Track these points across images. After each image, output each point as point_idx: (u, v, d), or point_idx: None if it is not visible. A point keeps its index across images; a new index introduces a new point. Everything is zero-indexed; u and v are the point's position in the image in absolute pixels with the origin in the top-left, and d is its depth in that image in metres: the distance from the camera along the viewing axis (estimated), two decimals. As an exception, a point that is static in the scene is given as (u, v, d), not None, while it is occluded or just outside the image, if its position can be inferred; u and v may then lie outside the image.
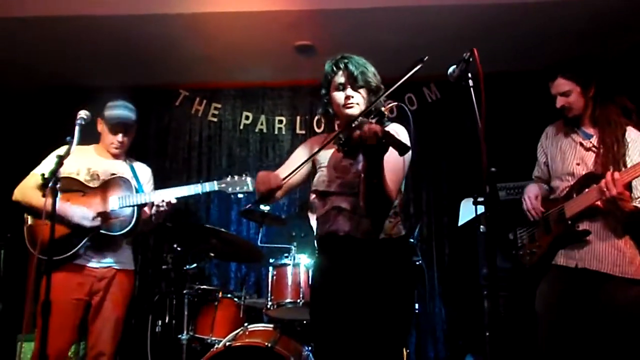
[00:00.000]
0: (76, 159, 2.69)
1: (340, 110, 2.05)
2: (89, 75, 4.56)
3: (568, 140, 2.54)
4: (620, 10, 3.73)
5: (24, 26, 3.89)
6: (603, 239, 2.35)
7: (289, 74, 4.70)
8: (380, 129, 1.65)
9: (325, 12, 3.82)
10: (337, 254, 2.00)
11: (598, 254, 2.34)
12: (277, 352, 2.84)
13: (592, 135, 2.47)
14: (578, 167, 2.45)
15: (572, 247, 2.41)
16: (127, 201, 2.71)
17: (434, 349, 4.42)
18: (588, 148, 2.46)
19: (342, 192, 2.00)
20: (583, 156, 2.46)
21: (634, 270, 2.31)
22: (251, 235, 4.57)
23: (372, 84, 2.04)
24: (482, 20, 3.83)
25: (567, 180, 2.49)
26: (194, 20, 3.86)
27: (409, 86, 4.74)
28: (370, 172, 1.78)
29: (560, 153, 2.54)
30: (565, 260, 2.43)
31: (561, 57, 2.61)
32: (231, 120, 4.92)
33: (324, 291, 2.03)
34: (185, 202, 4.76)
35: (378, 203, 1.89)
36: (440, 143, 4.72)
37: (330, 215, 2.01)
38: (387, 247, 1.98)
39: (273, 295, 3.21)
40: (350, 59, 2.06)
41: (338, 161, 2.03)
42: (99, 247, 2.69)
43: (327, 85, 2.11)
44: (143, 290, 4.54)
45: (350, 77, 2.02)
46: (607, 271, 2.31)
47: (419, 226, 4.41)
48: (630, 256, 2.33)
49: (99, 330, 2.65)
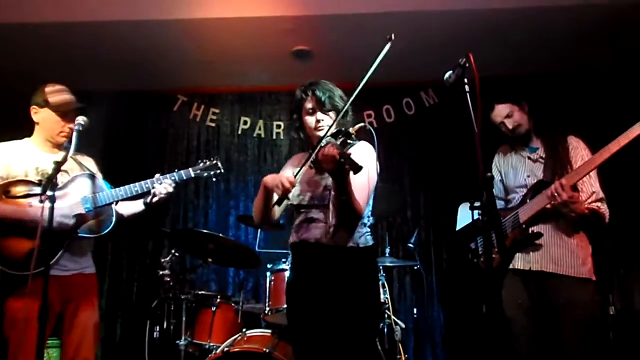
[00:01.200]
0: (17, 158, 2.48)
1: (312, 132, 2.23)
2: (87, 80, 4.54)
3: (517, 157, 2.73)
4: (613, 16, 3.75)
5: (22, 32, 3.91)
6: (556, 241, 2.49)
7: (287, 79, 4.71)
8: (337, 152, 1.83)
9: (323, 18, 3.84)
10: (308, 259, 2.16)
11: (553, 255, 2.48)
12: (275, 358, 2.84)
13: (538, 148, 2.67)
14: (529, 178, 2.63)
15: (527, 251, 2.53)
16: (100, 199, 2.53)
17: (433, 353, 4.41)
18: (535, 160, 2.65)
19: (313, 204, 2.17)
20: (532, 168, 2.64)
21: (587, 270, 2.46)
22: (249, 241, 4.58)
23: (339, 107, 2.19)
24: (479, 25, 3.85)
25: (521, 191, 2.65)
26: (192, 25, 3.88)
27: (406, 90, 4.76)
28: (338, 190, 1.99)
29: (512, 169, 2.73)
30: (522, 263, 2.55)
31: (555, 61, 2.64)
32: (229, 125, 4.93)
33: (297, 293, 2.19)
34: (183, 207, 4.77)
35: (347, 217, 2.07)
36: (438, 147, 4.74)
37: (302, 224, 2.18)
38: (353, 255, 2.12)
39: (271, 300, 3.20)
40: (317, 85, 2.23)
41: (311, 177, 2.20)
42: (69, 254, 2.52)
43: (298, 111, 2.29)
44: (141, 295, 4.55)
45: (319, 102, 2.19)
46: (562, 272, 2.44)
47: (417, 230, 4.42)
48: (582, 257, 2.47)
49: (78, 339, 2.50)
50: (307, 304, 2.12)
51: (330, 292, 2.06)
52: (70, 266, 2.54)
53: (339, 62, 4.34)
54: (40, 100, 2.56)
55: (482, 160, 1.77)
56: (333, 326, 2.04)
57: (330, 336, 2.04)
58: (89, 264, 2.67)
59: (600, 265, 2.56)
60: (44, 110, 2.55)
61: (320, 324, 2.07)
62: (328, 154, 1.85)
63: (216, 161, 2.84)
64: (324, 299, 2.07)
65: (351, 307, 2.04)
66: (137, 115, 4.90)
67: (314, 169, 2.12)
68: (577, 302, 2.39)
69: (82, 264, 2.61)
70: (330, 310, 2.05)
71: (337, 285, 2.06)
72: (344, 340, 2.02)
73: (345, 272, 2.09)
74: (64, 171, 2.54)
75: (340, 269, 2.09)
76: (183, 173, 2.75)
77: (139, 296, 4.57)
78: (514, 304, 2.51)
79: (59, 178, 2.49)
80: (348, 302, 2.04)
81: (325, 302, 2.06)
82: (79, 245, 2.59)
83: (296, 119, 2.31)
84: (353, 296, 2.06)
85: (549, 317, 2.44)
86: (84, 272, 2.61)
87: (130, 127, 4.85)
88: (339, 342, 2.03)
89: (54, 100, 2.54)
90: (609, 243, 3.58)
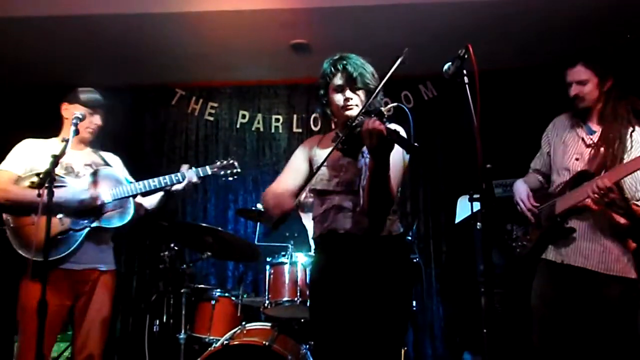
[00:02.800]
0: (43, 153, 2.59)
1: (339, 111, 2.04)
2: (85, 74, 4.54)
3: (572, 134, 2.52)
4: (615, 7, 3.74)
5: (19, 25, 3.89)
6: (590, 236, 2.37)
7: (285, 72, 4.70)
8: (383, 127, 1.68)
9: (321, 11, 3.82)
10: (337, 252, 2.00)
11: (583, 250, 2.37)
12: (275, 351, 2.84)
13: (595, 132, 2.45)
14: (576, 162, 2.45)
15: (560, 243, 2.45)
16: (121, 191, 2.64)
17: (432, 346, 4.43)
18: (589, 144, 2.44)
19: (341, 190, 2.01)
20: (583, 152, 2.45)
21: (620, 267, 2.32)
22: (248, 234, 4.58)
23: (370, 86, 2.03)
24: (478, 17, 3.83)
25: (563, 175, 2.50)
26: (189, 18, 3.86)
27: (405, 84, 4.75)
28: (377, 170, 1.80)
29: (563, 145, 2.53)
30: (553, 255, 2.47)
31: (556, 54, 2.62)
32: (227, 119, 4.92)
33: (325, 289, 2.02)
34: (182, 201, 4.77)
35: (382, 201, 1.90)
36: (437, 140, 4.73)
37: (329, 213, 2.01)
38: (387, 245, 1.99)
39: (270, 293, 3.20)
40: (349, 59, 2.04)
41: (336, 160, 2.02)
42: (86, 248, 2.59)
43: (325, 86, 2.09)
44: (140, 289, 4.55)
45: (349, 78, 2.00)
46: (592, 268, 2.34)
47: (416, 224, 4.42)
48: (616, 254, 2.34)
49: (86, 332, 2.58)
50: (340, 301, 1.95)
51: (365, 287, 1.92)
52: (86, 260, 2.60)
53: None
54: (71, 97, 2.73)
55: (481, 151, 1.76)
56: (363, 327, 1.90)
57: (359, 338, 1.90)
58: (108, 260, 2.72)
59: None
60: (73, 107, 2.70)
61: (346, 322, 1.93)
62: (375, 128, 1.68)
63: (233, 161, 2.92)
64: (359, 294, 1.92)
65: (385, 303, 1.91)
66: (135, 110, 4.88)
67: (340, 152, 1.89)
68: (605, 300, 2.30)
69: (99, 259, 2.66)
70: (359, 307, 1.91)
71: (371, 279, 1.92)
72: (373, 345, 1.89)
73: (375, 264, 1.94)
74: (88, 165, 2.71)
75: (375, 260, 1.94)
76: (200, 170, 2.81)
77: (138, 290, 4.57)
78: (541, 294, 2.47)
79: (82, 171, 2.68)
80: (382, 297, 1.91)
81: (354, 299, 1.92)
82: (97, 239, 2.65)
83: (323, 95, 2.10)
84: (387, 290, 1.92)
85: (574, 312, 2.36)
86: (100, 268, 2.66)
87: (128, 121, 4.82)
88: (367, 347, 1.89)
89: (84, 96, 2.72)
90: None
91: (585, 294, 2.35)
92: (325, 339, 2.00)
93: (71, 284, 2.56)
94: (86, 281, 2.60)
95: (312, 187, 2.08)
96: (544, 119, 2.83)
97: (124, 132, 4.74)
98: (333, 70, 2.04)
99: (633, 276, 2.33)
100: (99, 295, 2.63)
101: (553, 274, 2.45)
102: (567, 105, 2.57)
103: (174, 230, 3.68)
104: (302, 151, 2.21)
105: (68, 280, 2.54)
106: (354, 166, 1.99)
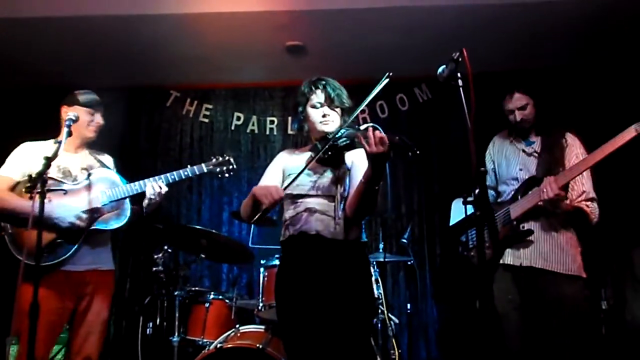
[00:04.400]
0: (40, 157, 2.52)
1: (316, 126, 2.21)
2: (80, 74, 4.52)
3: (512, 148, 2.74)
4: (610, 11, 3.76)
5: (15, 26, 3.87)
6: (546, 237, 2.51)
7: (280, 74, 4.70)
8: (386, 136, 1.82)
9: (316, 13, 3.82)
10: (306, 252, 2.11)
11: (543, 252, 2.50)
12: (269, 354, 2.83)
13: (534, 142, 2.68)
14: (521, 172, 2.65)
15: (518, 247, 2.56)
16: (116, 193, 2.63)
17: (426, 349, 4.43)
18: (530, 154, 2.67)
19: (316, 194, 2.13)
20: (525, 162, 2.66)
21: (577, 267, 2.48)
22: (242, 237, 4.56)
23: (346, 105, 2.23)
24: (473, 20, 3.84)
25: (512, 184, 2.67)
26: (185, 20, 3.85)
27: (400, 86, 4.76)
28: (374, 179, 1.93)
29: (505, 160, 2.75)
30: (512, 259, 2.57)
31: (550, 56, 2.66)
32: (222, 121, 4.91)
33: (292, 288, 2.12)
34: (176, 204, 4.75)
35: (367, 209, 2.05)
36: (432, 143, 4.74)
37: (301, 216, 2.12)
38: (352, 249, 2.12)
39: (264, 296, 3.20)
40: (327, 81, 2.24)
41: (313, 167, 2.15)
42: (85, 249, 2.59)
43: (304, 104, 2.26)
44: (134, 292, 4.53)
45: (328, 97, 2.20)
46: (552, 269, 2.46)
47: (411, 226, 4.42)
48: (572, 254, 2.49)
49: (85, 334, 2.57)
50: (302, 299, 2.08)
51: (325, 286, 2.04)
52: (86, 261, 2.60)
53: (332, 58, 4.33)
54: (70, 100, 2.71)
55: (475, 154, 1.77)
56: (329, 321, 2.02)
57: (325, 332, 2.01)
58: (107, 260, 2.72)
59: (593, 261, 2.60)
60: (73, 108, 2.68)
61: (314, 318, 2.04)
62: (382, 137, 1.83)
63: (229, 157, 2.91)
64: (319, 294, 2.04)
65: (347, 302, 2.02)
66: (129, 111, 4.86)
67: (319, 162, 2.10)
68: (566, 299, 2.42)
69: (98, 259, 2.66)
70: (326, 305, 2.03)
71: (333, 279, 2.05)
72: (340, 337, 2.00)
73: (341, 266, 2.07)
74: (84, 169, 2.69)
75: (336, 262, 2.07)
76: (196, 168, 2.81)
77: (132, 292, 4.54)
78: (505, 299, 2.53)
79: (79, 175, 2.66)
80: (344, 297, 2.03)
81: (321, 297, 2.04)
82: (96, 240, 2.64)
83: (301, 111, 2.28)
84: (349, 291, 2.04)
85: (539, 313, 2.46)
86: (100, 268, 2.66)
87: (123, 122, 4.81)
88: (334, 339, 2.00)
89: (83, 98, 2.71)
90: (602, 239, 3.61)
91: (545, 294, 2.45)
92: (294, 337, 2.11)
93: (73, 285, 2.55)
94: (88, 282, 2.60)
95: (287, 192, 2.16)
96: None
97: (118, 133, 4.74)
98: (313, 89, 2.23)
99: (585, 276, 2.50)
100: (100, 298, 2.63)
101: (514, 277, 2.54)
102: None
103: (168, 233, 3.67)
104: (279, 161, 2.35)
105: (69, 283, 2.54)
106: (332, 173, 2.14)
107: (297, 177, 2.08)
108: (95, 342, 2.60)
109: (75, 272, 2.56)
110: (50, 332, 2.47)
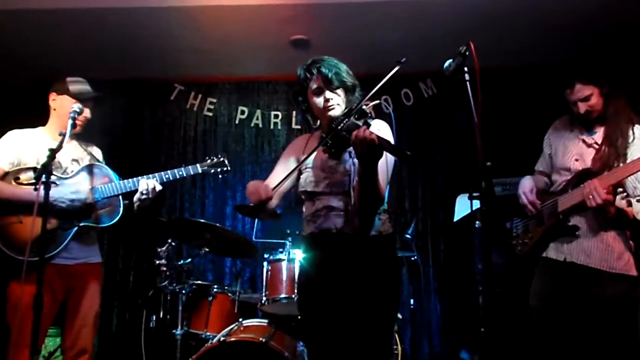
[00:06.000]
0: (29, 146, 2.54)
1: (322, 113, 2.07)
2: (83, 68, 4.46)
3: (572, 135, 2.57)
4: (613, 6, 3.72)
5: (16, 19, 3.85)
6: (592, 234, 2.39)
7: (285, 68, 4.66)
8: (375, 136, 1.72)
9: (321, 7, 3.79)
10: (331, 250, 2.02)
11: (586, 248, 2.39)
12: (272, 348, 2.83)
13: (596, 132, 2.50)
14: (576, 162, 2.49)
15: (562, 241, 2.46)
16: (110, 190, 2.59)
17: (429, 345, 4.43)
18: (589, 144, 2.49)
19: (330, 191, 2.04)
20: (583, 152, 2.49)
21: (622, 265, 2.35)
22: (246, 230, 4.56)
23: (347, 83, 2.07)
24: (478, 14, 3.80)
25: (564, 174, 2.53)
26: (189, 13, 3.83)
27: (405, 81, 4.73)
28: (365, 174, 1.85)
29: (563, 147, 2.58)
30: (555, 253, 2.48)
31: (558, 52, 2.61)
32: (226, 114, 4.90)
33: (317, 286, 2.04)
34: (180, 197, 4.75)
35: (372, 201, 1.95)
36: (437, 138, 4.72)
37: (320, 213, 2.04)
38: (377, 244, 2.02)
39: (268, 290, 3.20)
40: (321, 61, 2.08)
41: (324, 161, 2.06)
42: (74, 244, 2.56)
43: (303, 92, 2.13)
44: (137, 285, 4.54)
45: (326, 80, 2.03)
46: (594, 266, 2.36)
47: (415, 222, 4.41)
48: (618, 251, 2.36)
49: (78, 327, 2.56)
50: (325, 297, 2.00)
51: (355, 284, 1.96)
52: (77, 255, 2.59)
53: (337, 52, 4.20)
54: (59, 87, 2.64)
55: (482, 149, 1.75)
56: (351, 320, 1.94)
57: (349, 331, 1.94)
58: (95, 253, 2.72)
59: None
60: (62, 97, 2.63)
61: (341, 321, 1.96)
62: (366, 138, 1.72)
63: (224, 159, 2.89)
64: (350, 291, 1.96)
65: (376, 299, 1.95)
66: (133, 105, 4.86)
67: (327, 153, 1.97)
68: (608, 298, 2.31)
69: (88, 253, 2.65)
70: (348, 303, 1.95)
71: (362, 276, 1.96)
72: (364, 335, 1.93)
73: (370, 262, 1.98)
74: (74, 160, 2.64)
75: (365, 259, 1.98)
76: (190, 168, 2.79)
77: (135, 286, 4.55)
78: (540, 293, 2.47)
79: (70, 167, 2.62)
80: (373, 294, 1.95)
81: (352, 294, 1.95)
82: (87, 235, 2.63)
83: (302, 101, 2.15)
84: (378, 287, 1.96)
85: (576, 311, 2.36)
86: (89, 261, 2.65)
87: (127, 116, 4.81)
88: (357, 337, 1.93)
89: (74, 88, 2.63)
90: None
91: (586, 292, 2.36)
92: (318, 336, 2.03)
93: (63, 279, 2.54)
94: (78, 275, 2.59)
95: (302, 189, 2.11)
96: (545, 117, 2.83)
97: (122, 126, 4.74)
98: (308, 75, 2.08)
99: (634, 274, 2.35)
100: (91, 291, 2.62)
101: (554, 272, 2.46)
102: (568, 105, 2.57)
103: (172, 226, 3.67)
104: (288, 154, 2.24)
105: (60, 276, 2.52)
106: (342, 167, 2.03)
107: (287, 177, 2.01)
108: (89, 335, 2.59)
109: (66, 265, 2.54)
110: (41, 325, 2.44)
